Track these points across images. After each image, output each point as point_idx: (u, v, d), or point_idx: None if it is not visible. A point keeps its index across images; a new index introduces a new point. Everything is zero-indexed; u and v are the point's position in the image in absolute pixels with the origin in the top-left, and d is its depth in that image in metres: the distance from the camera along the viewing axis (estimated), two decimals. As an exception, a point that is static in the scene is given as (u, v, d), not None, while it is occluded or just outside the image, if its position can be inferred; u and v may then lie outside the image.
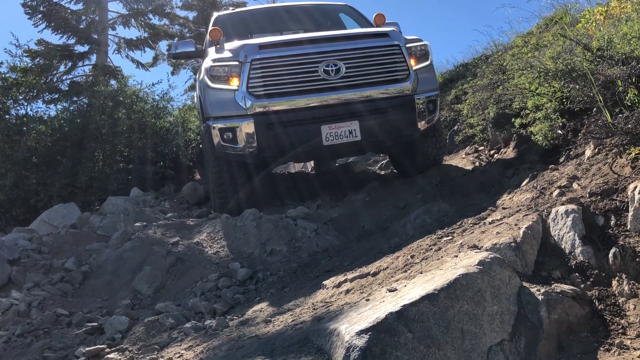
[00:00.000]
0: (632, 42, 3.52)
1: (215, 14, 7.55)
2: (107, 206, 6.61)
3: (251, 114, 5.10)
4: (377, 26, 6.29)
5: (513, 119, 4.88)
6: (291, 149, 5.30)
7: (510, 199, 3.59)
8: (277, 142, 5.21)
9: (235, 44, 5.52)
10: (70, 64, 17.77)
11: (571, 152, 4.18)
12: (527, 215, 3.20)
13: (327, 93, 5.15)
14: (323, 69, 5.12)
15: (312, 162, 9.32)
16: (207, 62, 5.49)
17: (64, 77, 17.80)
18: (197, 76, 6.68)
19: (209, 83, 5.33)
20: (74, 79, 18.00)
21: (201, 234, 5.18)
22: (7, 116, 8.20)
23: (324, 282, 3.40)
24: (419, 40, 5.74)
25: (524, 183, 3.78)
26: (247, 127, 5.12)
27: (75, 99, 9.21)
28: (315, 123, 5.16)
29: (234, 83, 5.17)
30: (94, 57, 18.01)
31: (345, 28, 7.50)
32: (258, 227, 5.03)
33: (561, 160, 4.19)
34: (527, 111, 4.53)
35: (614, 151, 3.19)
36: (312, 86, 5.14)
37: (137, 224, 5.70)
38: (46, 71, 17.76)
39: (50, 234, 5.67)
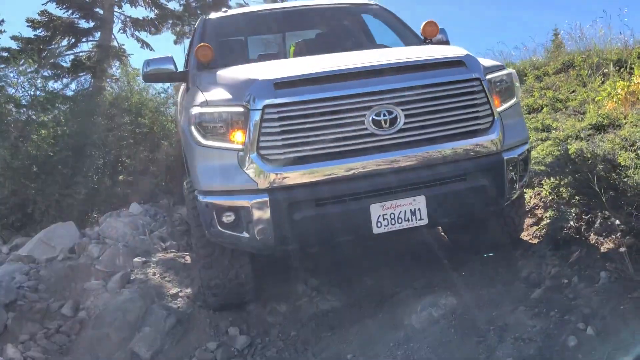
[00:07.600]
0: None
1: (203, 17, 5.69)
2: (106, 229, 6.57)
3: (265, 188, 3.52)
4: (425, 39, 4.81)
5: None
6: (325, 239, 3.82)
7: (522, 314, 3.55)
8: (305, 231, 3.63)
9: (237, 73, 3.99)
10: (73, 39, 17.43)
11: (582, 251, 4.15)
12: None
13: (378, 155, 3.58)
14: (372, 118, 3.51)
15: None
16: (193, 105, 3.85)
17: (66, 53, 17.52)
18: (177, 106, 5.28)
19: (198, 138, 3.70)
20: (77, 54, 17.74)
21: (201, 281, 5.13)
22: (9, 118, 8.03)
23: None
24: (501, 67, 4.06)
25: (534, 295, 3.71)
26: (260, 209, 3.53)
27: (76, 100, 8.95)
28: (361, 200, 3.60)
29: (237, 138, 3.55)
30: (98, 35, 17.64)
31: (373, 39, 5.89)
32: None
33: (572, 258, 4.15)
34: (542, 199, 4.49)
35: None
36: (356, 145, 3.55)
37: (136, 259, 5.71)
38: (48, 43, 17.57)
39: (48, 265, 5.60)
